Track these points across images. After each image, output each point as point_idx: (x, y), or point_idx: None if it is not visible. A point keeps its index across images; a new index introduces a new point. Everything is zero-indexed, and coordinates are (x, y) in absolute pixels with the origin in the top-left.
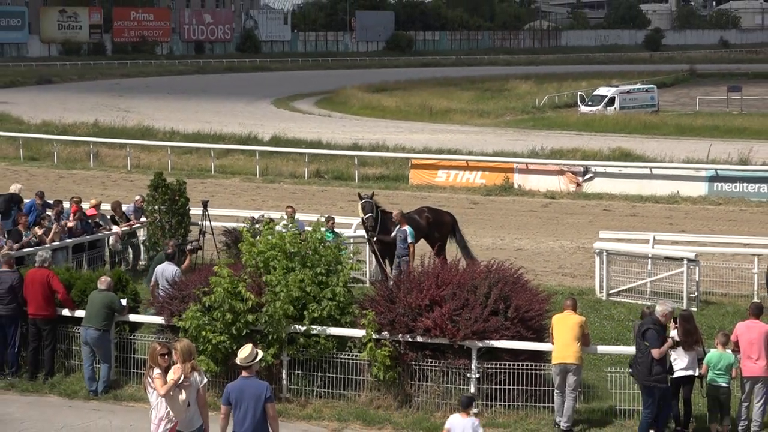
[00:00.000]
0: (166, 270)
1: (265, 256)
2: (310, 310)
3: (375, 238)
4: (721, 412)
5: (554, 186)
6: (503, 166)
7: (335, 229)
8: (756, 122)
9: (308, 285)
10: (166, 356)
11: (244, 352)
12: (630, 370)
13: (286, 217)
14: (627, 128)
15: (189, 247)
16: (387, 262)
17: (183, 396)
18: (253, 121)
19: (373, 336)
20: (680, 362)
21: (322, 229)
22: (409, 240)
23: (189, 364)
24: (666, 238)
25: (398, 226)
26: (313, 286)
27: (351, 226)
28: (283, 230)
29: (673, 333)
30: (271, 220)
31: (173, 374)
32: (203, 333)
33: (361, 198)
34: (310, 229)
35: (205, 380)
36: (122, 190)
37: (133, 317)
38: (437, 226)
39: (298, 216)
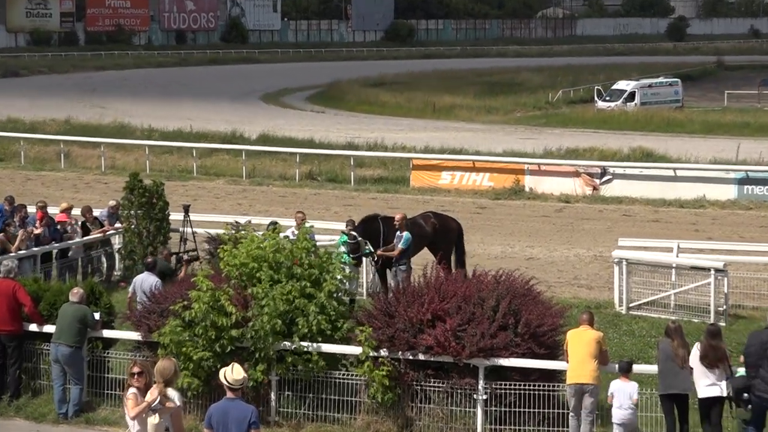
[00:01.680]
0: (145, 281)
1: (248, 267)
2: (299, 325)
3: (376, 257)
4: None
5: (569, 189)
6: (513, 168)
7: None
8: None
9: (296, 298)
10: (139, 376)
11: (237, 374)
12: (746, 395)
13: (295, 223)
14: (649, 126)
15: (186, 257)
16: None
17: (155, 420)
18: (240, 118)
19: (371, 354)
20: (705, 381)
21: (335, 238)
22: (400, 245)
23: (162, 386)
24: (691, 246)
25: (398, 232)
26: (301, 299)
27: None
28: (291, 237)
29: (695, 351)
30: (275, 223)
31: (150, 396)
32: (184, 349)
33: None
34: (330, 238)
35: (180, 404)
36: (96, 193)
37: (107, 333)
38: (443, 234)
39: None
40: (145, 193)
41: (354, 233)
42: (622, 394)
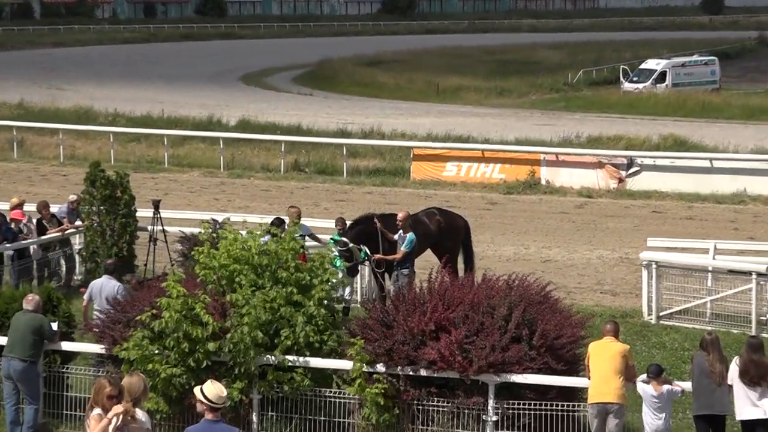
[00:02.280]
0: (105, 286)
1: (228, 270)
2: (283, 337)
3: (374, 259)
4: None
5: (591, 182)
6: (528, 158)
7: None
8: None
9: (281, 306)
10: (116, 399)
11: (219, 390)
12: None
13: (287, 220)
14: (681, 110)
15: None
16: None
17: None
18: (217, 102)
19: (364, 369)
20: (745, 400)
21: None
22: (403, 247)
23: (129, 404)
24: (730, 247)
25: (400, 231)
26: (287, 308)
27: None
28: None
29: (734, 367)
30: (282, 222)
31: (112, 411)
32: (151, 365)
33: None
34: (324, 238)
35: (149, 428)
36: (53, 186)
37: (66, 345)
38: (449, 233)
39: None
40: (107, 186)
41: (344, 239)
42: (653, 402)
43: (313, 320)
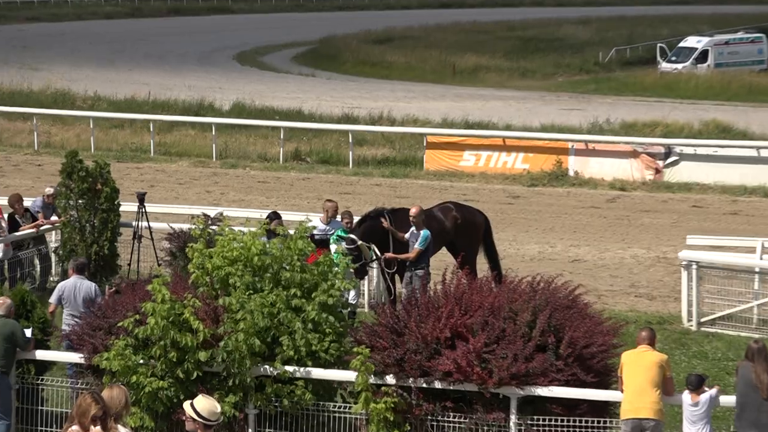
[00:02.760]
0: (80, 287)
1: (223, 271)
2: (284, 346)
3: (384, 259)
4: None
5: (625, 173)
6: (554, 146)
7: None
8: None
9: (282, 311)
10: (101, 421)
11: (211, 404)
12: None
13: (323, 215)
14: (725, 93)
15: (112, 288)
16: (397, 278)
17: None
18: (209, 83)
19: (371, 381)
20: None
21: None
22: (417, 245)
23: (110, 420)
24: None
25: (412, 228)
26: (287, 312)
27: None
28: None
29: None
30: (278, 216)
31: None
32: (135, 377)
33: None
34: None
35: None
36: (27, 178)
37: (41, 354)
38: (467, 230)
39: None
40: (87, 178)
41: (352, 237)
42: (691, 410)
43: (316, 327)
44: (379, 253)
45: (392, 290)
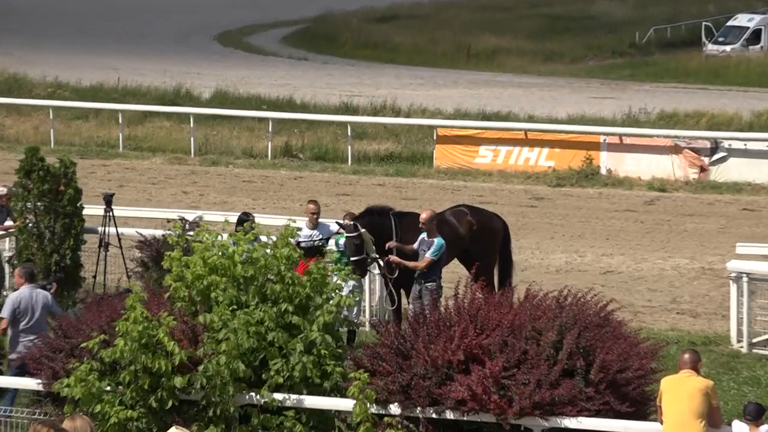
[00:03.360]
0: (36, 297)
1: (204, 282)
2: (273, 371)
3: (387, 260)
4: None
5: (665, 171)
6: (584, 140)
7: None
8: None
9: (271, 330)
10: None
11: None
12: None
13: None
14: None
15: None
16: (403, 293)
17: None
18: (186, 68)
19: (372, 411)
20: None
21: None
22: (429, 254)
23: None
24: None
25: (423, 235)
26: (277, 332)
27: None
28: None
29: None
30: (248, 216)
31: None
32: (100, 406)
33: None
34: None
35: None
36: None
37: None
38: (484, 237)
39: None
40: (47, 178)
41: (354, 224)
42: None
43: (314, 350)
44: (377, 256)
45: (395, 301)
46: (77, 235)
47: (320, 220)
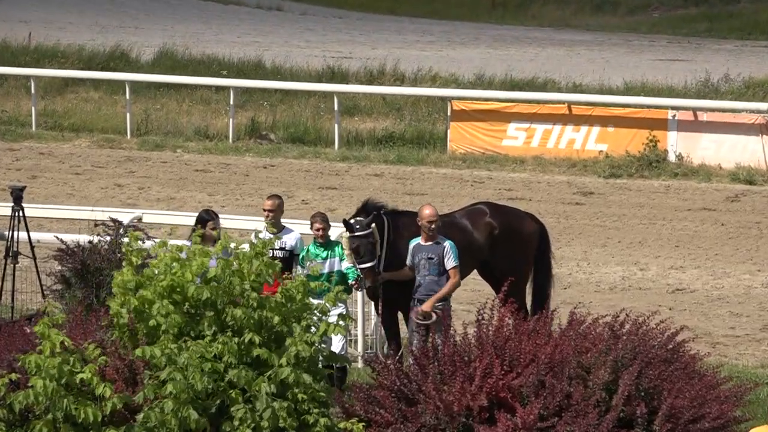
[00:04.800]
0: None
1: (143, 304)
2: (236, 421)
3: (380, 277)
4: None
5: (753, 157)
6: (646, 116)
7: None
8: None
9: (231, 367)
10: None
11: None
12: None
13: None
14: None
15: None
16: (400, 316)
17: None
18: (121, 21)
19: None
20: None
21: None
22: (452, 262)
23: None
24: None
25: (415, 242)
26: (241, 369)
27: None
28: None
29: None
30: (211, 217)
31: None
32: None
33: (349, 228)
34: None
35: None
36: None
37: None
38: (510, 243)
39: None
40: None
41: (361, 219)
42: None
43: (287, 392)
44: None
45: (396, 333)
46: None
47: (284, 221)
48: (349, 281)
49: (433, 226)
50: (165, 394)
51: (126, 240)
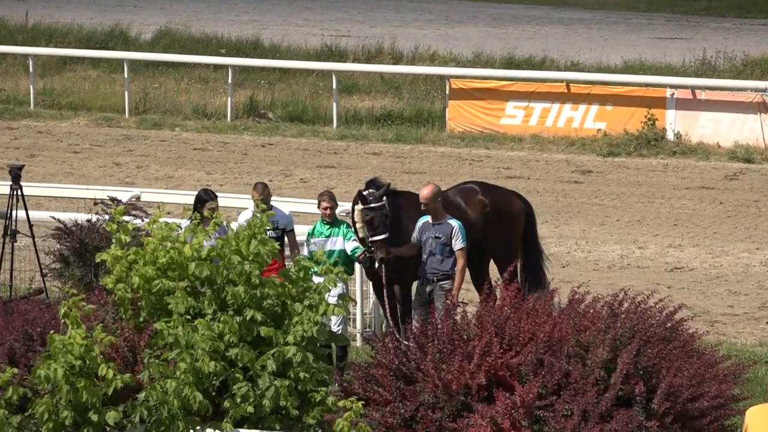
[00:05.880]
0: None
1: (155, 289)
2: (238, 398)
3: (382, 256)
4: None
5: (752, 136)
6: (644, 95)
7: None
8: None
9: (232, 345)
10: None
11: None
12: None
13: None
14: None
15: None
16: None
17: None
18: (118, 0)
19: None
20: None
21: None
22: (460, 243)
23: None
24: None
25: (423, 220)
26: (242, 348)
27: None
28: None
29: None
30: (209, 196)
31: None
32: None
33: (363, 200)
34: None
35: None
36: None
37: None
38: (501, 222)
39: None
40: None
41: (374, 191)
42: None
43: (290, 371)
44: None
45: (395, 313)
46: None
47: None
48: (354, 256)
49: (431, 205)
50: (170, 376)
51: (137, 219)
